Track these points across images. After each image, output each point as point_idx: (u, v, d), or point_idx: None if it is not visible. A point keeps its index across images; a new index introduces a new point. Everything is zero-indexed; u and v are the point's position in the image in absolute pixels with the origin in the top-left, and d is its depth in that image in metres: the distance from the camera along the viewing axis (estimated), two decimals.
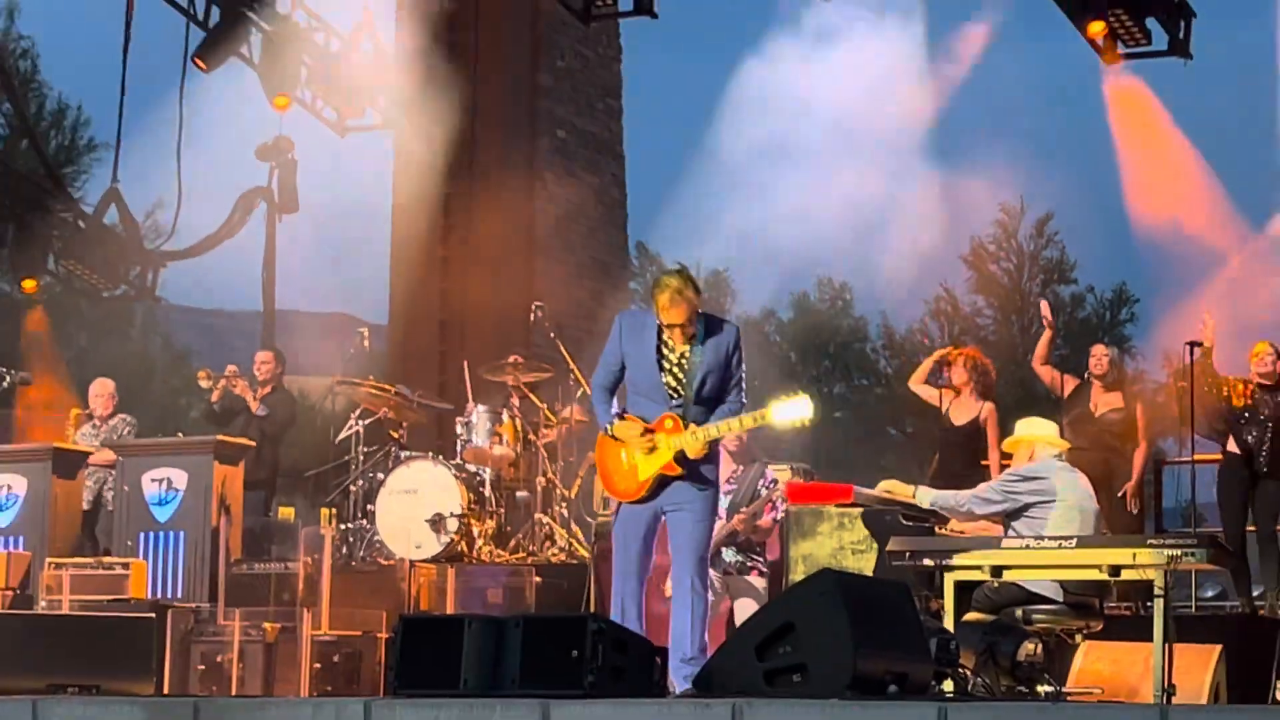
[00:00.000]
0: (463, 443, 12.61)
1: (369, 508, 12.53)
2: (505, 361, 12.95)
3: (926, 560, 8.69)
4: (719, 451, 8.41)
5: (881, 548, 9.55)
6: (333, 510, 12.62)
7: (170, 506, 12.67)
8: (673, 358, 8.21)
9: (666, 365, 8.20)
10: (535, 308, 13.50)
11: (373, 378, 13.66)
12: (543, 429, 12.79)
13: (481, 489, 12.39)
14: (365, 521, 12.58)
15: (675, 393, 8.18)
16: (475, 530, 12.23)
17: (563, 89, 17.42)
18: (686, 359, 8.17)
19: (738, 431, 8.18)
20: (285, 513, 13.84)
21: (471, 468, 12.45)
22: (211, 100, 17.55)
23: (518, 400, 12.83)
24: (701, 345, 8.17)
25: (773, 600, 8.48)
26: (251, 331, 22.06)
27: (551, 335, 13.29)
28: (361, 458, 13.02)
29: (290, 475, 15.08)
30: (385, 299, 18.19)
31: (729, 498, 10.03)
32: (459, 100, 16.98)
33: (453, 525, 12.07)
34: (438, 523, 12.06)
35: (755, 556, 10.35)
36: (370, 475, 12.74)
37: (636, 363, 8.26)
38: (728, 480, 10.00)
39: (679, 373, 8.19)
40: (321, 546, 11.87)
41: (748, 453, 10.45)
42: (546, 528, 12.57)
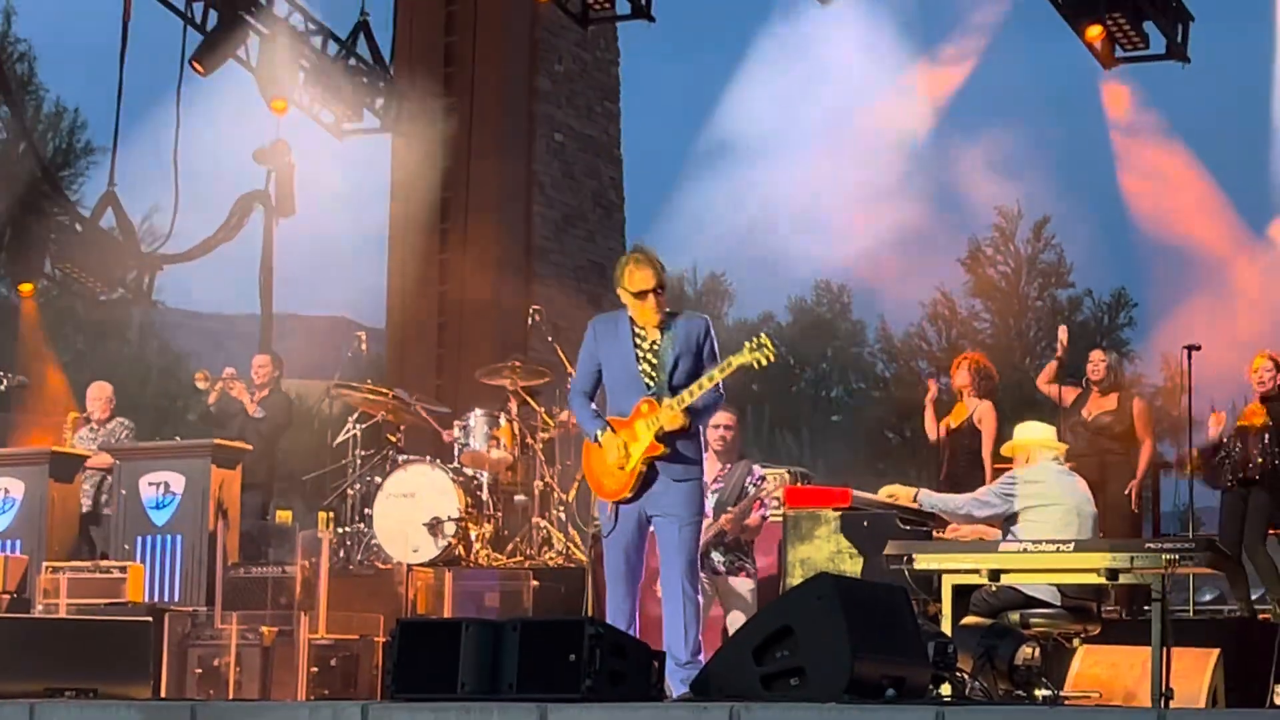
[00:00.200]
0: (460, 446, 12.62)
1: (366, 511, 12.53)
2: (503, 365, 12.95)
3: (924, 564, 8.70)
4: (699, 431, 8.46)
5: (865, 555, 9.55)
6: (330, 514, 12.63)
7: (167, 510, 12.67)
8: (645, 345, 8.37)
9: (641, 354, 8.36)
10: (533, 311, 13.50)
11: (370, 381, 13.67)
12: (540, 432, 12.78)
13: (479, 493, 12.39)
14: (362, 525, 12.58)
15: (650, 378, 8.31)
16: (473, 534, 12.23)
17: (560, 92, 17.43)
18: (658, 345, 8.35)
19: (708, 388, 8.24)
20: (283, 516, 13.85)
21: (469, 471, 12.45)
22: (209, 104, 17.58)
23: (515, 404, 12.83)
24: (672, 331, 8.35)
25: (770, 604, 8.47)
26: (249, 335, 22.07)
27: (549, 339, 13.29)
28: (359, 461, 13.01)
29: (288, 479, 15.09)
30: (383, 303, 18.19)
31: (715, 496, 10.03)
32: (457, 104, 17.00)
33: (450, 529, 12.07)
34: (435, 526, 12.06)
35: (743, 557, 10.36)
36: (368, 479, 12.74)
37: (613, 359, 8.42)
38: (714, 480, 10.01)
39: (652, 358, 8.35)
40: (319, 550, 11.87)
41: (734, 451, 10.45)
42: (544, 531, 12.57)
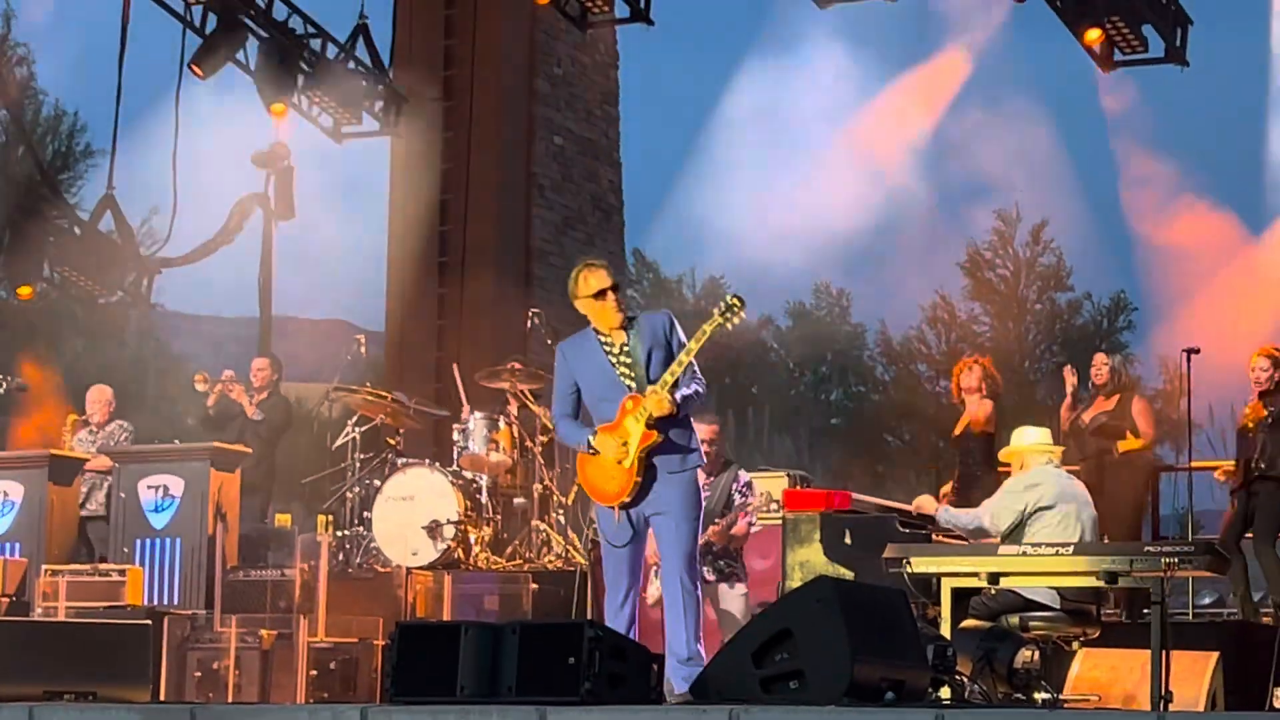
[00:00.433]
0: (459, 449, 12.62)
1: (365, 514, 12.54)
2: (502, 368, 12.95)
3: (923, 567, 8.71)
4: (689, 420, 8.47)
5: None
6: (329, 517, 12.63)
7: (167, 513, 12.67)
8: (615, 348, 8.44)
9: (615, 359, 8.42)
10: (532, 314, 13.50)
11: (369, 384, 13.67)
12: (540, 435, 12.78)
13: (478, 496, 12.39)
14: (362, 528, 12.58)
15: (629, 378, 8.37)
16: (472, 537, 12.23)
17: (559, 95, 17.43)
18: (627, 345, 8.42)
19: (687, 362, 8.27)
20: (282, 519, 13.84)
21: (468, 474, 12.46)
22: (208, 107, 17.58)
23: (515, 407, 12.83)
24: (636, 329, 8.44)
25: (769, 606, 8.49)
26: (248, 338, 22.07)
27: (549, 342, 13.26)
28: (358, 464, 13.02)
29: (287, 482, 15.08)
30: (382, 306, 18.19)
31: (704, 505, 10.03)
32: (456, 107, 17.00)
33: (449, 532, 12.07)
34: (434, 529, 12.06)
35: (733, 563, 10.37)
36: (367, 482, 12.74)
37: (589, 373, 8.48)
38: (702, 489, 10.01)
39: (625, 359, 8.41)
40: (318, 553, 11.88)
41: (718, 460, 10.48)
42: (543, 534, 12.57)
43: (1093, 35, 14.85)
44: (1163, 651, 8.11)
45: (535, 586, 11.98)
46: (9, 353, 17.85)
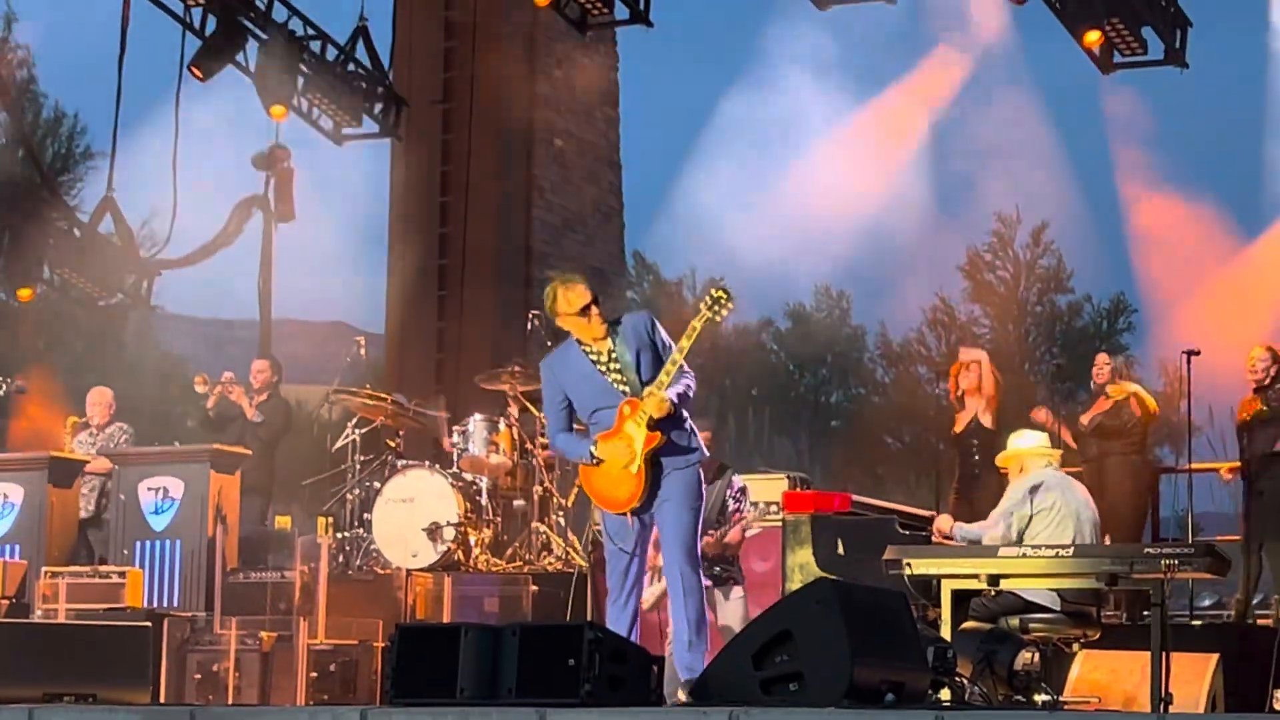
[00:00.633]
0: (459, 451, 12.61)
1: (365, 516, 12.53)
2: (502, 370, 12.95)
3: (923, 569, 8.71)
4: (686, 418, 8.42)
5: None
6: (329, 519, 12.63)
7: (167, 515, 12.67)
8: (603, 358, 8.38)
9: (604, 368, 8.37)
10: (532, 316, 13.48)
11: (369, 386, 13.67)
12: (540, 437, 12.77)
13: (478, 498, 12.39)
14: (362, 530, 12.57)
15: (622, 384, 8.32)
16: (472, 539, 12.23)
17: (559, 98, 17.43)
18: (614, 351, 8.37)
19: (681, 361, 8.25)
20: (282, 521, 13.84)
21: (468, 477, 12.45)
22: (208, 109, 17.60)
23: (515, 409, 12.83)
24: (618, 334, 8.39)
25: (769, 608, 8.48)
26: (248, 340, 22.08)
27: (549, 344, 13.27)
28: (358, 466, 13.01)
29: (287, 484, 15.08)
30: (382, 308, 18.20)
31: None
32: (456, 109, 17.01)
33: (449, 534, 12.07)
34: (434, 531, 12.06)
35: (729, 568, 10.37)
36: (367, 484, 12.74)
37: (580, 385, 8.43)
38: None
39: (615, 365, 8.36)
40: (318, 555, 11.88)
41: (711, 466, 10.47)
42: (543, 537, 12.56)
43: (1092, 37, 14.84)
44: (1163, 653, 8.11)
45: (535, 588, 11.98)
46: (9, 355, 17.85)
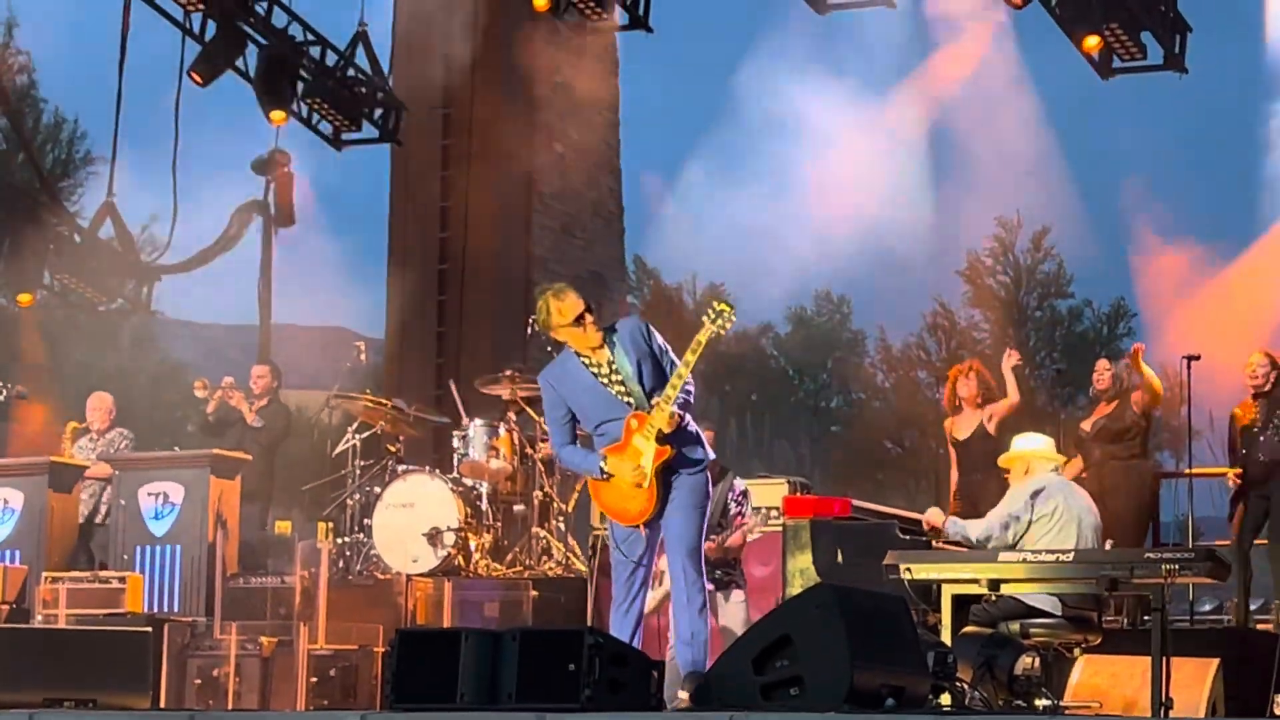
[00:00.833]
0: (459, 456, 12.62)
1: (366, 521, 12.53)
2: (502, 375, 12.95)
3: (923, 574, 8.70)
4: (696, 430, 8.43)
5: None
6: (329, 524, 12.63)
7: (167, 520, 12.67)
8: (604, 369, 8.37)
9: (604, 379, 8.36)
10: (532, 321, 13.46)
11: (369, 391, 13.67)
12: (540, 442, 12.78)
13: (478, 503, 12.39)
14: (362, 535, 12.57)
15: (625, 395, 8.30)
16: (472, 544, 12.23)
17: (559, 102, 17.42)
18: (613, 361, 8.36)
19: (687, 376, 8.25)
20: (282, 527, 13.84)
21: (468, 481, 12.45)
22: (207, 114, 17.60)
23: (514, 414, 12.83)
24: (615, 343, 8.38)
25: (770, 613, 8.48)
26: (248, 345, 22.05)
27: (549, 349, 13.24)
28: (358, 471, 13.01)
29: (287, 489, 15.08)
30: (382, 312, 18.20)
31: None
32: (455, 114, 17.01)
33: (449, 539, 12.07)
34: (434, 536, 12.06)
35: (731, 572, 10.37)
36: (367, 489, 12.74)
37: (582, 397, 8.41)
38: None
39: (617, 377, 8.34)
40: (318, 560, 11.88)
41: (713, 468, 10.46)
42: (544, 541, 12.56)
43: (1091, 42, 14.84)
44: (1163, 658, 8.11)
45: (535, 593, 11.98)
46: (9, 360, 17.83)
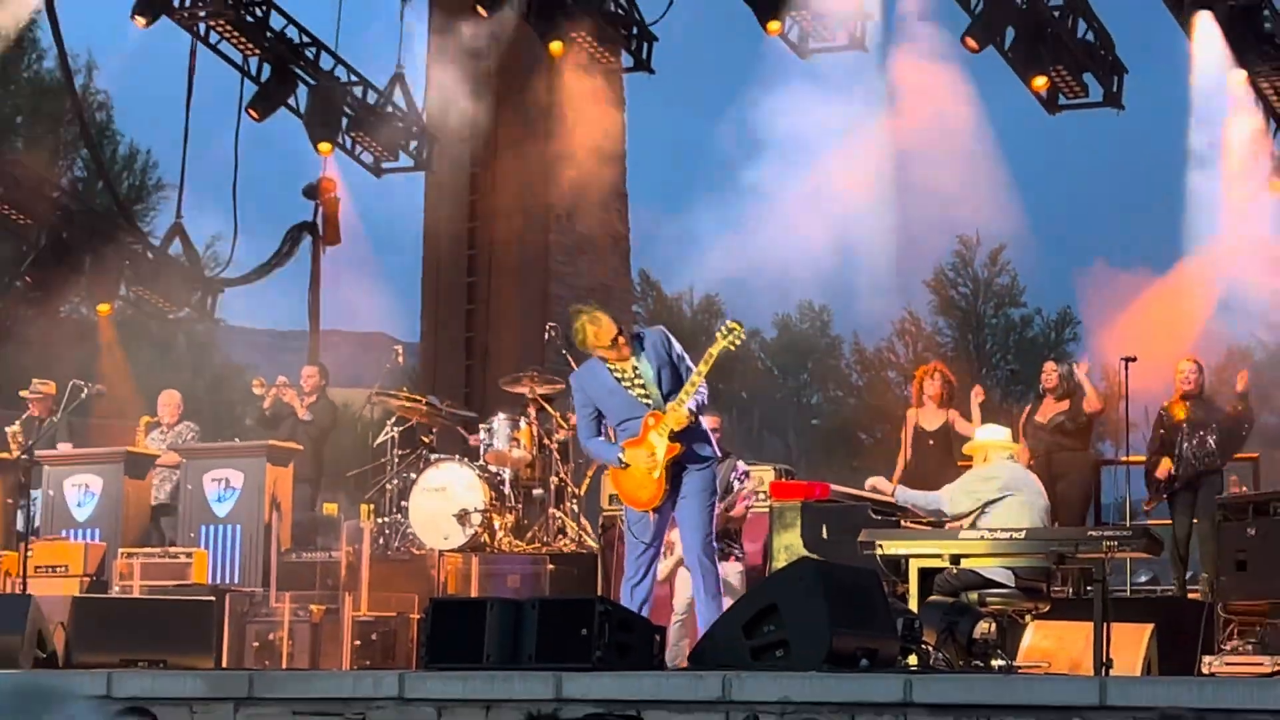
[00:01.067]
0: (485, 446, 12.62)
1: (403, 504, 12.52)
2: (523, 375, 12.94)
3: (893, 549, 8.71)
4: (706, 429, 8.49)
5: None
6: (371, 506, 12.63)
7: (228, 503, 12.68)
8: (628, 375, 8.39)
9: (627, 384, 8.40)
10: (549, 328, 13.49)
11: (406, 389, 13.66)
12: (556, 434, 12.77)
13: (502, 487, 12.38)
14: (400, 516, 12.57)
15: (646, 398, 8.35)
16: (496, 524, 12.22)
17: (573, 135, 17.40)
18: (637, 368, 8.38)
19: (699, 383, 8.28)
20: (329, 508, 13.84)
21: (493, 468, 12.44)
22: (263, 146, 17.61)
23: (534, 409, 12.82)
24: (641, 353, 8.40)
25: (758, 585, 8.49)
26: (299, 349, 22.04)
27: (564, 352, 13.27)
28: (396, 460, 13.00)
29: (334, 475, 15.08)
30: (417, 320, 18.21)
31: None
32: (481, 145, 17.00)
33: (477, 519, 12.06)
34: (463, 517, 12.05)
35: (732, 544, 10.36)
36: (404, 475, 12.73)
37: (608, 399, 8.45)
38: None
39: (640, 382, 8.38)
40: (361, 538, 11.88)
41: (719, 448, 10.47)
42: (559, 521, 12.56)
43: (1039, 82, 14.85)
44: (1104, 624, 8.10)
45: (552, 567, 11.98)
46: (90, 362, 17.81)
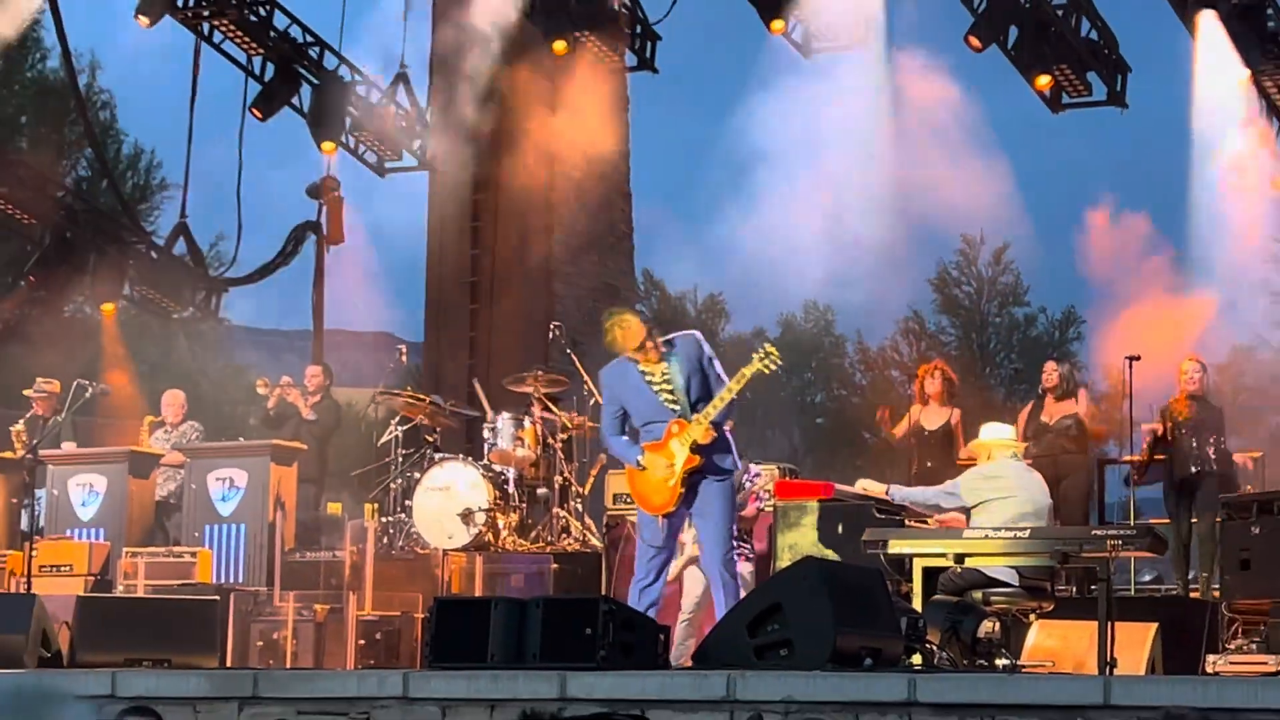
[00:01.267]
0: (489, 445, 12.62)
1: (407, 503, 12.52)
2: (527, 374, 12.94)
3: (897, 549, 8.70)
4: (728, 440, 8.48)
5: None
6: (375, 505, 12.63)
7: (232, 502, 12.69)
8: (657, 378, 8.39)
9: (655, 387, 8.39)
10: (553, 327, 13.50)
11: (410, 389, 13.66)
12: (560, 433, 12.77)
13: (506, 486, 12.38)
14: (404, 515, 12.56)
15: (672, 404, 8.34)
16: (500, 523, 12.22)
17: (576, 134, 17.39)
18: (667, 374, 8.37)
19: (729, 399, 8.28)
20: (333, 508, 13.85)
21: (497, 468, 12.44)
22: (267, 145, 17.63)
23: (538, 408, 12.82)
24: (672, 358, 8.39)
25: (762, 584, 8.49)
26: (303, 348, 22.07)
27: (567, 351, 13.29)
28: (400, 459, 13.00)
29: (338, 474, 15.08)
30: (421, 319, 18.21)
31: None
32: (484, 145, 17.00)
33: (481, 518, 12.06)
34: (467, 516, 12.05)
35: (742, 544, 10.36)
36: (408, 474, 12.73)
37: (634, 401, 8.46)
38: None
39: (667, 387, 8.37)
40: (365, 537, 11.88)
41: None
42: (563, 521, 12.56)
43: (1043, 81, 14.86)
44: (1108, 623, 8.10)
45: (556, 566, 11.98)
46: (95, 362, 17.84)
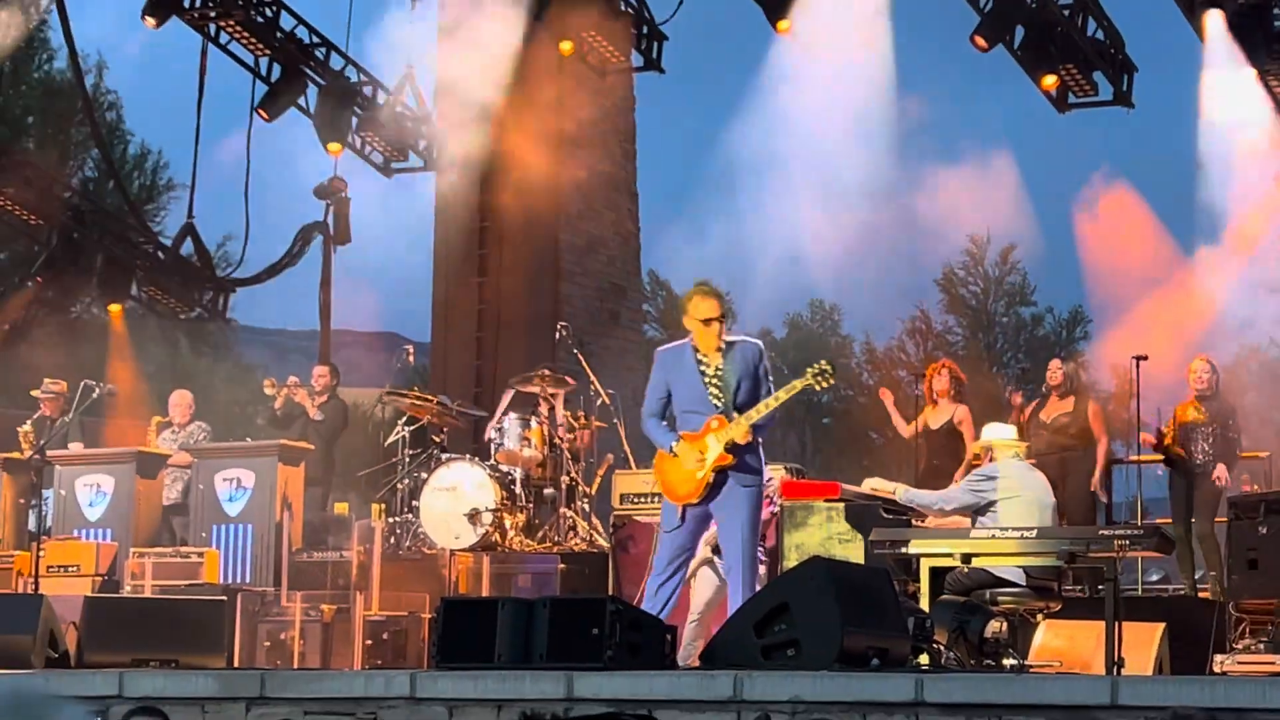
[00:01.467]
0: (496, 446, 12.62)
1: (414, 503, 12.53)
2: (534, 374, 12.95)
3: (905, 548, 8.70)
4: (759, 443, 8.47)
5: (864, 537, 9.54)
6: (382, 505, 12.64)
7: (240, 502, 12.69)
8: (710, 370, 8.36)
9: (707, 379, 8.36)
10: (560, 327, 13.51)
11: (417, 389, 13.66)
12: (567, 433, 12.77)
13: (513, 487, 12.38)
14: (411, 515, 12.58)
15: (718, 399, 8.32)
16: (507, 523, 12.22)
17: (583, 135, 17.40)
18: (721, 369, 8.35)
19: (774, 407, 8.27)
20: (340, 508, 13.84)
21: (504, 468, 12.45)
22: (274, 146, 17.63)
23: (545, 408, 12.83)
24: (732, 357, 8.37)
25: (769, 584, 8.49)
26: (310, 348, 22.08)
27: (574, 351, 13.30)
28: (407, 459, 13.02)
29: (345, 475, 15.09)
30: (428, 319, 18.20)
31: None
32: (491, 145, 17.00)
33: (487, 519, 12.06)
34: (474, 516, 12.06)
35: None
36: (415, 475, 12.74)
37: (681, 385, 8.41)
38: None
39: (718, 382, 8.35)
40: (372, 537, 11.88)
41: None
42: (570, 521, 12.56)
43: (1049, 80, 14.85)
44: (1116, 623, 8.09)
45: (563, 566, 11.98)
46: (102, 362, 17.85)
